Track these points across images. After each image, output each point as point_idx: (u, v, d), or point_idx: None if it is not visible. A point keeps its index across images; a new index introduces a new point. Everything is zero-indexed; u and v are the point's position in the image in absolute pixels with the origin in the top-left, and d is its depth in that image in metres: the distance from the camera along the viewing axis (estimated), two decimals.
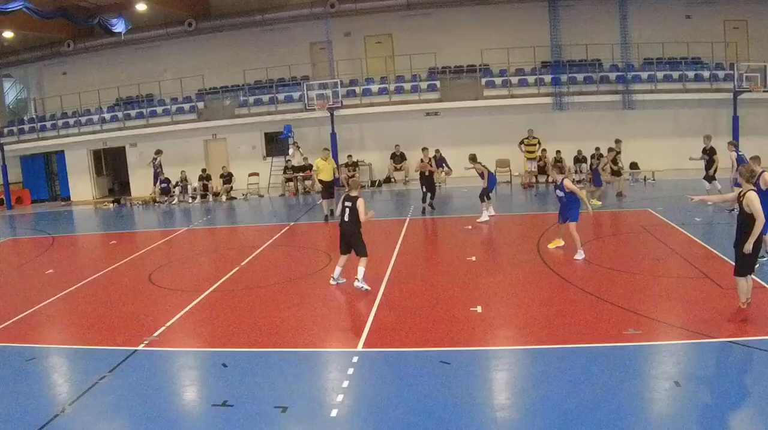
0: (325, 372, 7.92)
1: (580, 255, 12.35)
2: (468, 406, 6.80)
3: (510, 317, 9.71)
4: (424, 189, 18.46)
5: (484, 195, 17.12)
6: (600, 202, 18.43)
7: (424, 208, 18.37)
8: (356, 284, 10.71)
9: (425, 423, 6.46)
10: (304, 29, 25.95)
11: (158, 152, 25.10)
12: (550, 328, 9.09)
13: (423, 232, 16.59)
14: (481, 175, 17.38)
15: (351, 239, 10.84)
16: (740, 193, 8.66)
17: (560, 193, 12.65)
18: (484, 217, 16.96)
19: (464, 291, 10.95)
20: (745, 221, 8.42)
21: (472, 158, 17.71)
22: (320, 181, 18.70)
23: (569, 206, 12.58)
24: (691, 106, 25.24)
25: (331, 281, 11.27)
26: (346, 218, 10.80)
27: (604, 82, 25.36)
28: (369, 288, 10.69)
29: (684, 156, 25.27)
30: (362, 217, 10.68)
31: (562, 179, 12.57)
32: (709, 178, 18.10)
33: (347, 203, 10.79)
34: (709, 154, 18.34)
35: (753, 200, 8.42)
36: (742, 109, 24.82)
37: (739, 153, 16.45)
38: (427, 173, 18.32)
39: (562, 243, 13.04)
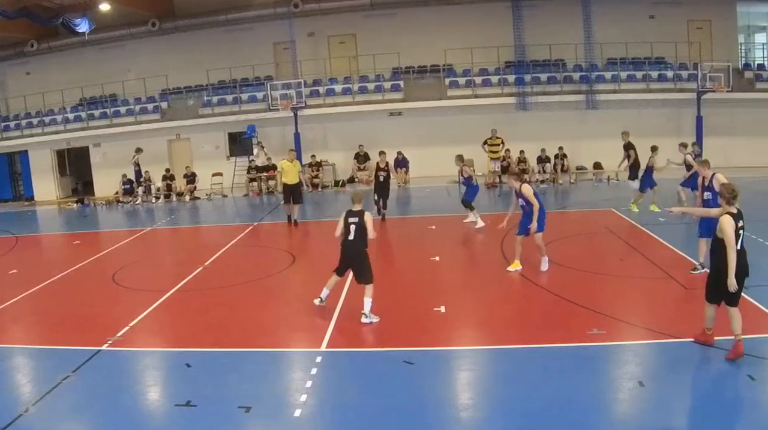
0: (289, 372, 7.95)
1: (545, 265, 11.65)
2: (431, 406, 6.83)
3: (473, 317, 9.71)
4: (376, 197, 17.87)
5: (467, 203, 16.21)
6: (637, 210, 16.73)
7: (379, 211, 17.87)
8: (364, 319, 9.22)
9: (388, 423, 6.50)
10: (267, 29, 25.88)
11: (138, 151, 24.99)
12: (513, 328, 9.14)
13: (386, 232, 16.50)
14: (468, 179, 16.51)
15: (355, 261, 9.43)
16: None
17: (521, 202, 11.56)
18: (476, 220, 15.97)
19: (428, 291, 10.98)
20: (718, 244, 7.51)
21: (460, 158, 17.04)
22: (284, 184, 17.63)
23: (529, 216, 11.41)
24: (655, 106, 25.26)
25: (317, 302, 9.92)
26: (351, 237, 9.35)
27: (567, 82, 25.41)
28: (377, 319, 9.28)
29: (648, 156, 25.37)
30: (371, 234, 9.37)
31: (520, 186, 11.51)
32: (633, 177, 17.66)
33: (352, 220, 9.37)
34: (626, 149, 17.90)
35: (725, 227, 7.40)
36: (706, 109, 24.89)
37: (687, 154, 16.23)
38: (381, 179, 17.71)
39: (520, 267, 11.64)
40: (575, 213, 18.41)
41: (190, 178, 24.82)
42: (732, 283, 7.34)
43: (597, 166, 25.30)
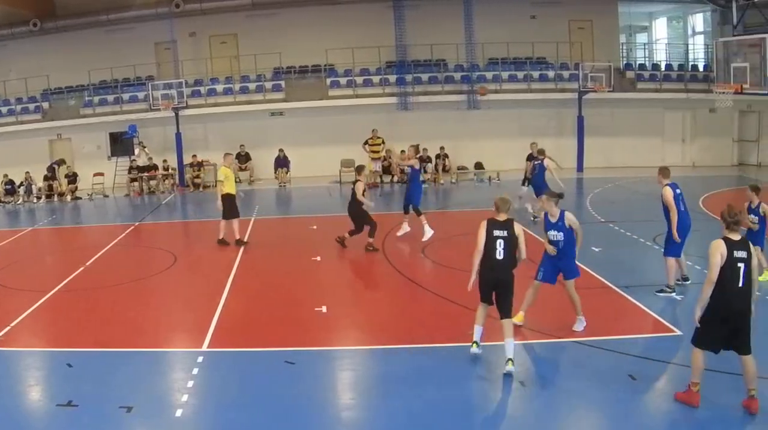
0: (171, 372, 7.98)
1: (580, 325, 8.76)
2: (313, 406, 6.86)
3: (355, 317, 9.78)
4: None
5: (413, 206, 14.35)
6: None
7: None
8: (510, 367, 7.24)
9: (270, 423, 6.52)
10: (149, 29, 25.74)
11: (61, 162, 24.92)
12: (395, 328, 9.22)
13: (268, 231, 16.57)
14: (414, 174, 14.56)
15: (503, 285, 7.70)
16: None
17: (557, 234, 8.59)
18: (406, 229, 14.60)
19: (309, 291, 11.03)
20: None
21: (416, 149, 15.66)
22: (226, 195, 14.39)
23: (565, 256, 8.63)
24: (537, 106, 25.45)
25: (474, 350, 7.82)
26: (499, 256, 7.66)
27: (449, 82, 25.56)
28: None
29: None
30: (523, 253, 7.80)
31: (560, 211, 8.52)
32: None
33: (499, 233, 7.67)
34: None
35: (711, 253, 6.28)
36: (587, 109, 25.11)
37: (537, 162, 15.81)
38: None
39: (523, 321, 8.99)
40: (458, 213, 18.53)
41: (72, 178, 24.67)
42: (696, 314, 6.36)
43: (478, 166, 25.43)
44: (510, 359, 7.21)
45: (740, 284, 6.22)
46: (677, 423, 6.41)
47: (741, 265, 6.23)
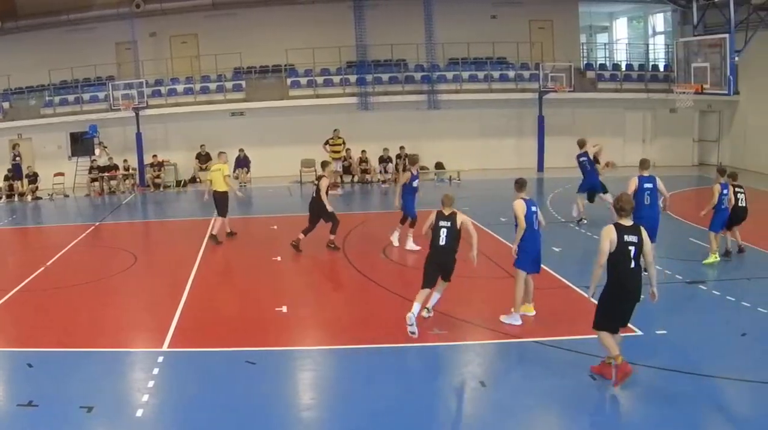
0: (131, 372, 8.02)
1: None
2: (274, 406, 6.94)
3: (316, 317, 9.87)
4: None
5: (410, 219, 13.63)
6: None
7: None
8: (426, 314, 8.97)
9: (231, 423, 6.57)
10: (109, 29, 25.70)
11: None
12: (355, 328, 9.30)
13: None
14: (410, 180, 13.34)
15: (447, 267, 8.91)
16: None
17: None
18: (410, 245, 13.71)
19: (270, 291, 11.14)
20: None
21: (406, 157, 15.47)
22: (223, 192, 14.98)
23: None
24: (497, 106, 25.51)
25: (425, 314, 9.16)
26: (442, 242, 8.82)
27: (409, 82, 25.62)
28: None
29: (489, 155, 25.64)
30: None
31: None
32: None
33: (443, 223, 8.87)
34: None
35: (601, 238, 6.97)
36: (548, 109, 25.20)
37: (583, 158, 15.74)
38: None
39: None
40: (418, 213, 18.31)
41: (32, 178, 24.65)
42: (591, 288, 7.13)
43: (439, 166, 25.48)
44: (428, 308, 8.92)
45: (632, 266, 6.86)
46: (636, 422, 6.57)
47: (632, 248, 6.85)
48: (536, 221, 8.87)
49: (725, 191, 11.87)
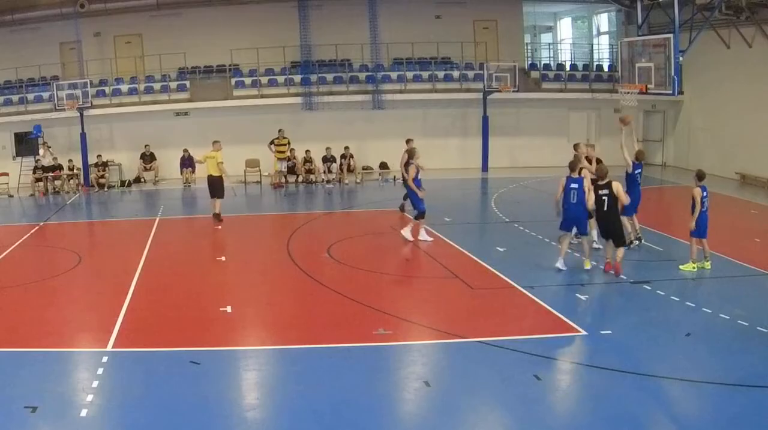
0: (75, 372, 8.04)
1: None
2: (218, 406, 6.96)
3: (260, 317, 9.97)
4: None
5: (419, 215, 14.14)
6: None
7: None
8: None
9: (175, 423, 6.62)
10: (54, 29, 25.56)
11: None
12: (300, 328, 9.37)
13: (173, 232, 16.74)
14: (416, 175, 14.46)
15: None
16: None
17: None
18: (423, 235, 14.18)
19: (214, 291, 11.20)
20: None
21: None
22: (218, 177, 16.79)
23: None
24: (441, 106, 25.67)
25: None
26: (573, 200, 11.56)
27: (353, 82, 25.70)
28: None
29: (434, 155, 25.69)
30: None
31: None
32: None
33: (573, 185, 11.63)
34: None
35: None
36: (492, 109, 25.37)
37: None
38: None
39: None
40: (362, 213, 18.68)
41: None
42: None
43: (383, 165, 25.59)
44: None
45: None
46: (582, 423, 6.68)
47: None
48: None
49: (705, 194, 11.80)
